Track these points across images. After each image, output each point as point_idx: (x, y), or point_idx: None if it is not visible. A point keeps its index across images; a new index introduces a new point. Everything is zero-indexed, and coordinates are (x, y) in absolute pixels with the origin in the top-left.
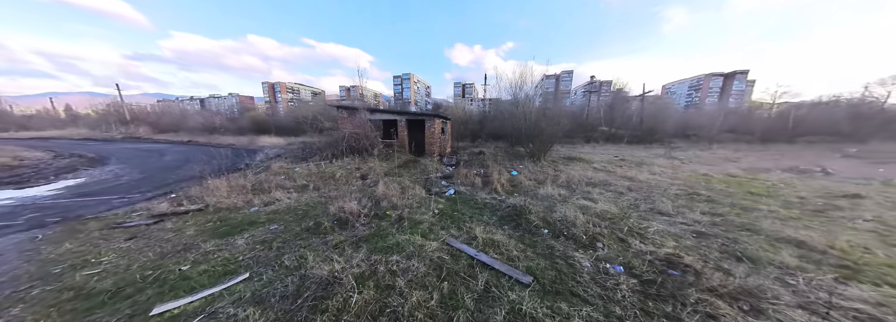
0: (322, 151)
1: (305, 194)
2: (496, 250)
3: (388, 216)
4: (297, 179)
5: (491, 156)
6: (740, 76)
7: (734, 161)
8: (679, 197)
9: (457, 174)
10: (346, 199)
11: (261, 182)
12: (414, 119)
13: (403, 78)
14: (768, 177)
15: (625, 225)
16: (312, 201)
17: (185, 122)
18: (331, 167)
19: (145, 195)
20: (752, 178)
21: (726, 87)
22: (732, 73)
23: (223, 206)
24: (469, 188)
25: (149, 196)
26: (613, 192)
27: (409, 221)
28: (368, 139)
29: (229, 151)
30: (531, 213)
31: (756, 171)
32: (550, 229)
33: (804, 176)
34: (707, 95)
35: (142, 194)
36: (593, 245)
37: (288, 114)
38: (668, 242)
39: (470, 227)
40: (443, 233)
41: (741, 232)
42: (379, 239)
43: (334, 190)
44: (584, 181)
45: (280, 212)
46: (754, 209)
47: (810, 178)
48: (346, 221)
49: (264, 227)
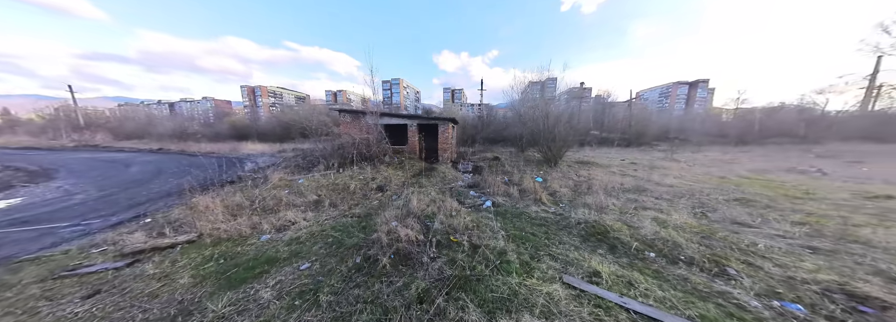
0: (327, 160)
1: (323, 213)
2: (631, 290)
3: (455, 243)
4: (306, 194)
5: (506, 161)
6: (702, 84)
7: (730, 163)
8: (730, 203)
9: (484, 183)
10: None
11: (263, 198)
12: (426, 123)
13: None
14: (777, 177)
15: (725, 242)
16: (339, 223)
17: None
18: (340, 177)
19: (108, 220)
20: (766, 179)
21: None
22: (696, 82)
23: (223, 234)
24: (506, 198)
25: (114, 222)
26: (661, 199)
27: (490, 252)
28: (378, 146)
29: (211, 160)
30: (616, 230)
31: (762, 173)
32: (656, 252)
33: (807, 176)
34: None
35: (104, 219)
36: (724, 271)
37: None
38: (801, 264)
39: (563, 254)
40: (543, 266)
41: (851, 244)
42: (475, 283)
43: (356, 206)
44: (618, 187)
45: (303, 240)
46: (822, 215)
47: (814, 178)
48: (408, 254)
49: (291, 265)
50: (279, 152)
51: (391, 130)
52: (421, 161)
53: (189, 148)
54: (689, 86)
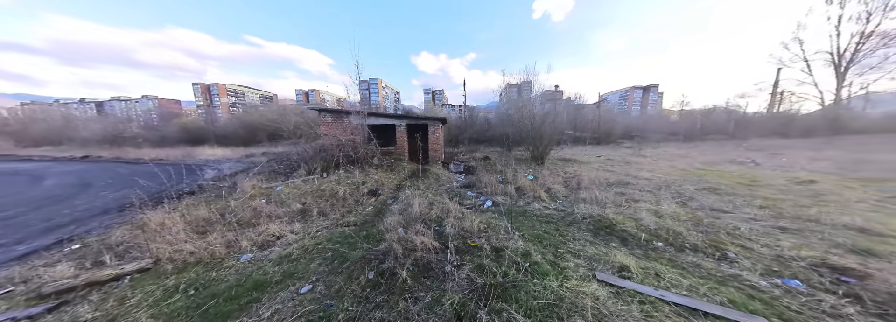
0: (309, 164)
1: (313, 223)
2: (659, 281)
3: (475, 248)
4: (288, 202)
5: (497, 161)
6: (654, 89)
7: (685, 157)
8: (701, 192)
9: (479, 182)
10: (392, 226)
11: (233, 211)
12: (415, 123)
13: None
14: (725, 168)
15: (712, 227)
16: (335, 234)
17: (73, 132)
18: (326, 183)
19: (12, 251)
20: (718, 170)
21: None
22: (648, 87)
23: (188, 257)
24: (504, 198)
25: (21, 252)
26: (644, 191)
27: (514, 254)
28: (366, 147)
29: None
30: (620, 223)
31: (712, 164)
32: (663, 241)
33: (745, 167)
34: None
35: (4, 250)
36: (725, 255)
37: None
38: (780, 243)
39: (582, 250)
40: (570, 265)
41: (808, 223)
42: (513, 290)
43: (349, 213)
44: (604, 182)
45: (295, 257)
46: (773, 198)
47: (751, 168)
48: (428, 264)
49: (286, 289)
50: (246, 157)
51: (377, 131)
52: (411, 162)
53: (127, 155)
54: (643, 90)
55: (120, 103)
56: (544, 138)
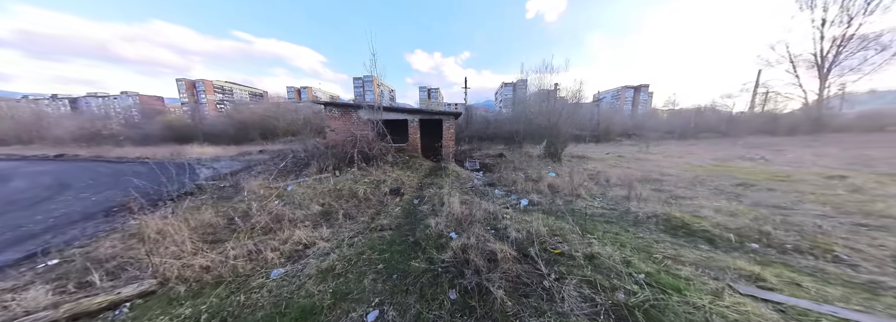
0: (321, 161)
1: (342, 228)
2: (807, 292)
3: (560, 255)
4: (305, 204)
5: (514, 158)
6: (644, 88)
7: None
8: (740, 188)
9: (504, 180)
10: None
11: (245, 214)
12: (428, 119)
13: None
14: (738, 164)
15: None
16: (375, 241)
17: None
18: (342, 182)
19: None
20: (733, 166)
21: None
22: (639, 86)
23: (203, 274)
24: (539, 196)
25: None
26: (680, 187)
27: (612, 261)
28: (380, 144)
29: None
30: (694, 222)
31: (723, 161)
32: (756, 242)
33: (756, 162)
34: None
35: None
36: (838, 257)
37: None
38: (880, 242)
39: (680, 255)
40: (683, 273)
41: (885, 219)
42: (656, 313)
43: (377, 215)
44: (634, 179)
45: (339, 271)
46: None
47: (764, 164)
48: (517, 278)
49: (346, 317)
50: (241, 155)
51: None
52: (425, 159)
53: (107, 153)
54: (634, 89)
55: (97, 99)
56: (561, 135)
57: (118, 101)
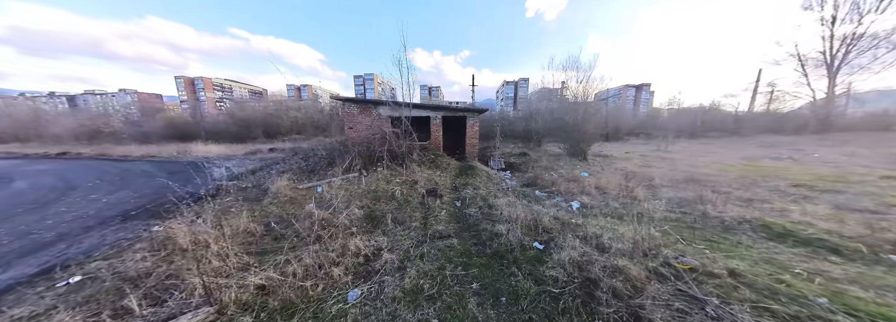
0: (348, 160)
1: (399, 236)
2: None
3: (690, 271)
4: (340, 207)
5: (542, 158)
6: (646, 87)
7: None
8: (803, 189)
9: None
10: (517, 237)
11: (281, 219)
12: (451, 116)
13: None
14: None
15: None
16: (447, 253)
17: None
18: (373, 182)
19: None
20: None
21: (638, 96)
22: (641, 85)
23: (267, 299)
24: (589, 198)
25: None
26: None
27: (768, 280)
28: (407, 142)
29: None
30: (799, 228)
31: (752, 159)
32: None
33: (788, 162)
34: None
35: None
36: None
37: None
38: None
39: (821, 269)
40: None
41: None
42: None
43: (427, 220)
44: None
45: (431, 294)
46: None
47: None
48: (668, 304)
49: None
50: (251, 154)
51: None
52: (450, 158)
53: (110, 151)
54: (635, 88)
55: (94, 97)
56: (588, 133)
57: (116, 98)
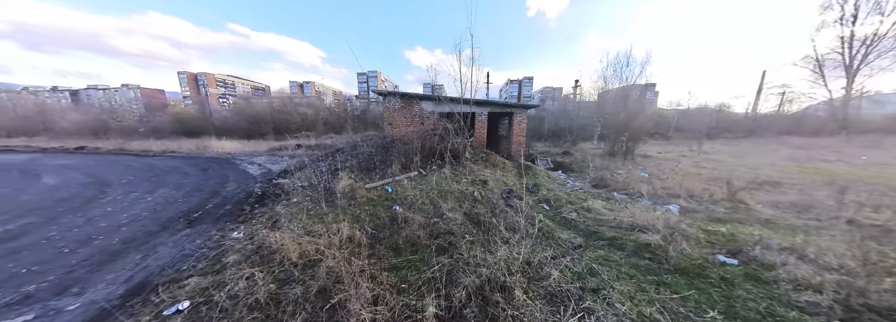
0: (407, 158)
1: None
2: None
3: None
4: (426, 209)
5: (589, 157)
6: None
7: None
8: None
9: (610, 181)
10: (678, 249)
11: (379, 226)
12: (498, 112)
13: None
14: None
15: None
16: (607, 263)
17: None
18: (440, 180)
19: (53, 316)
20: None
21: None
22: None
23: None
24: (684, 201)
25: (73, 318)
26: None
27: None
28: (462, 139)
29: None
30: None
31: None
32: None
33: (836, 163)
34: None
35: (25, 308)
36: None
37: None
38: None
39: None
40: None
41: None
42: None
43: (532, 227)
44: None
45: None
46: None
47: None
48: None
49: None
50: (277, 151)
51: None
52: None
53: (129, 147)
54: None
55: (97, 92)
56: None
57: (119, 93)
